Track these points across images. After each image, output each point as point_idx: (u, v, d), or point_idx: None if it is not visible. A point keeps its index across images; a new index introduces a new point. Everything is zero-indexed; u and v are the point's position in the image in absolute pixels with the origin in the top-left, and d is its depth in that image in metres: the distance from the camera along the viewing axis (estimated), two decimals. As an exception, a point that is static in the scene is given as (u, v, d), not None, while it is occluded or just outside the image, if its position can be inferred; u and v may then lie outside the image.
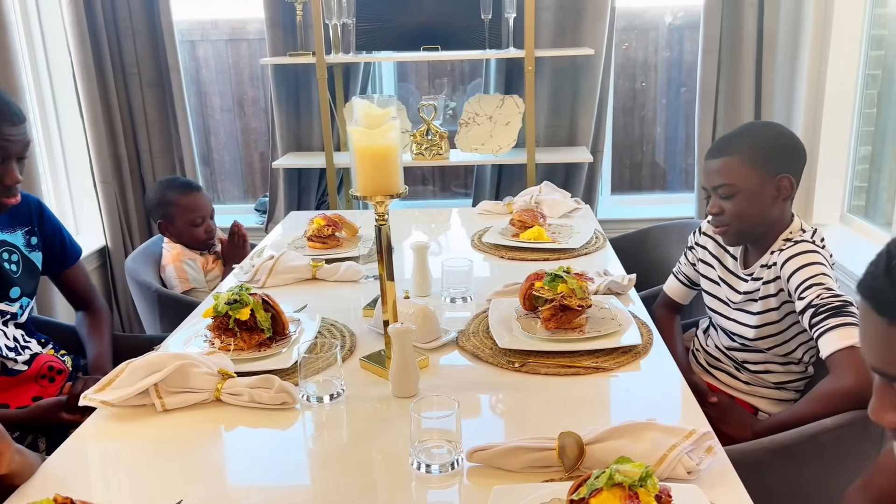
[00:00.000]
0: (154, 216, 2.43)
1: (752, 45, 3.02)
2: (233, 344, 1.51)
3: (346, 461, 1.20)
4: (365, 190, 1.35)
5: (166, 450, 1.23)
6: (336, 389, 1.37)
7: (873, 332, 0.71)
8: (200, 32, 3.68)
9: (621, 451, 1.07)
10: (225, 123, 3.77)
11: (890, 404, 0.74)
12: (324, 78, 2.91)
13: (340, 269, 1.95)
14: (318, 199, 3.35)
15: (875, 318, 0.70)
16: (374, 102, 1.55)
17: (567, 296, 1.53)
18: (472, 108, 3.04)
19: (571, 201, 2.50)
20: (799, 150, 1.60)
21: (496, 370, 1.46)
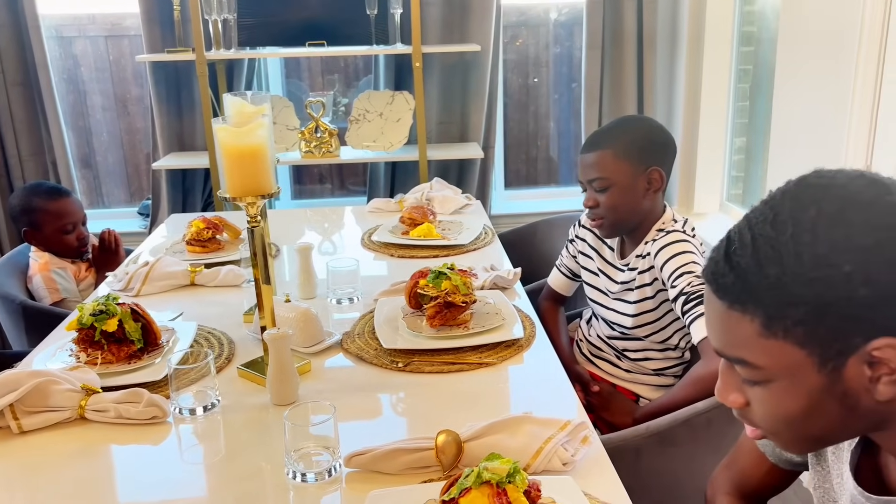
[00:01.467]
0: (19, 224, 2.26)
1: (633, 41, 3.11)
2: (100, 357, 1.42)
3: (222, 474, 1.15)
4: (234, 191, 1.30)
5: (26, 474, 1.15)
6: (210, 400, 1.32)
7: (715, 316, 0.74)
8: (76, 28, 3.48)
9: (498, 447, 1.07)
10: (107, 123, 3.58)
11: (733, 385, 0.76)
12: (204, 75, 2.81)
13: (220, 274, 1.88)
14: (204, 200, 3.23)
15: (716, 302, 0.73)
16: (247, 100, 1.50)
17: (451, 292, 1.53)
18: (362, 105, 3.01)
19: (462, 197, 2.51)
20: (668, 144, 1.65)
21: (381, 371, 1.44)
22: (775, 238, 0.68)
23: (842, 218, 0.66)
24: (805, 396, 0.70)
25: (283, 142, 2.99)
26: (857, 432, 0.74)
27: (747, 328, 0.70)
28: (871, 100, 2.01)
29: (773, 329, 0.68)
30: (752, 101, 3.08)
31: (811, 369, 0.69)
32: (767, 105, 2.74)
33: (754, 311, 0.69)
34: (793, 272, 0.66)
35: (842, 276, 0.65)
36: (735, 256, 0.70)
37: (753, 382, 0.73)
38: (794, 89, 2.32)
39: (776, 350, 0.69)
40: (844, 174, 0.71)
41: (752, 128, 3.10)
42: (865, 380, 0.68)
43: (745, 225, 0.72)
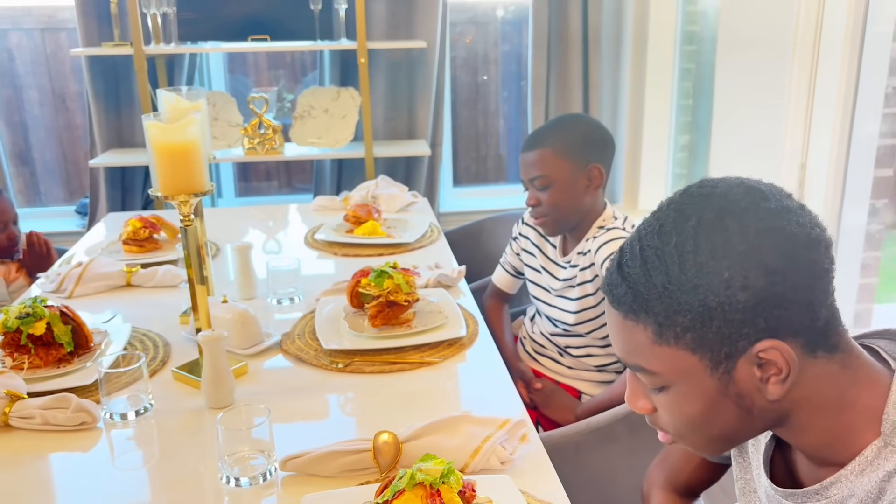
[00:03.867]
0: None
1: (579, 39, 3.13)
2: (27, 362, 1.37)
3: (156, 480, 1.12)
4: (166, 189, 1.26)
5: (-60, 487, 1.10)
6: (143, 405, 1.28)
7: (613, 325, 0.76)
8: (11, 20, 3.36)
9: (437, 447, 1.06)
10: (45, 119, 3.46)
11: (640, 392, 0.78)
12: (143, 70, 2.73)
13: (158, 274, 1.83)
14: (145, 199, 3.15)
15: (613, 312, 0.75)
16: (182, 95, 1.46)
17: (393, 291, 1.51)
18: (306, 101, 2.97)
19: (409, 195, 2.49)
20: (607, 141, 1.67)
21: (320, 372, 1.42)
22: (661, 248, 0.70)
23: (720, 225, 0.68)
24: (702, 400, 0.72)
25: (226, 138, 2.93)
26: (758, 430, 0.76)
27: (641, 336, 0.72)
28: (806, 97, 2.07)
29: (664, 336, 0.70)
30: (696, 100, 3.14)
31: (704, 373, 0.70)
32: (710, 103, 2.80)
33: (646, 320, 0.71)
34: (678, 280, 0.68)
35: (722, 282, 0.67)
36: (626, 268, 0.72)
37: (655, 389, 0.75)
38: (734, 88, 2.37)
39: (669, 356, 0.71)
40: (726, 182, 0.73)
41: (696, 126, 3.16)
42: (756, 380, 0.70)
43: (635, 237, 0.74)
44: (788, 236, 0.68)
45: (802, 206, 0.71)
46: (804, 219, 0.69)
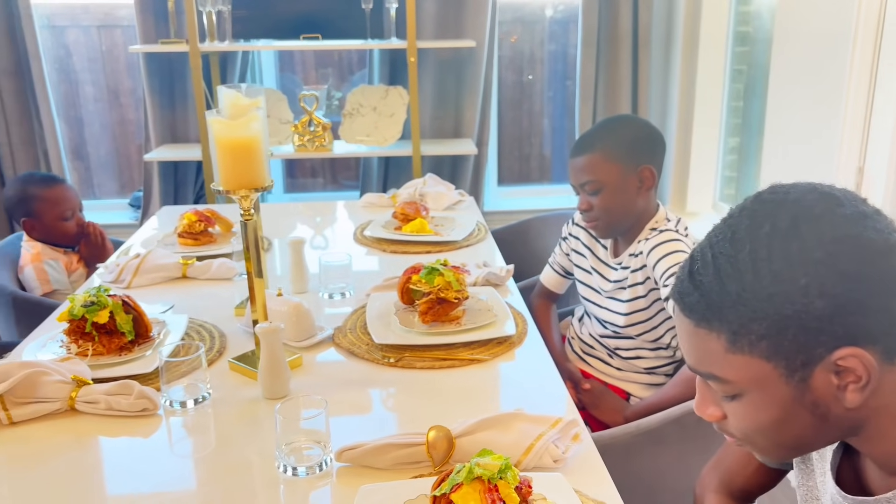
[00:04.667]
0: (16, 215, 2.25)
1: (629, 39, 3.11)
2: (91, 349, 1.42)
3: (212, 467, 1.15)
4: (228, 184, 1.29)
5: (16, 465, 1.14)
6: (201, 393, 1.31)
7: (684, 333, 0.75)
8: (69, 17, 3.46)
9: (489, 443, 1.07)
10: (99, 114, 3.56)
11: (710, 399, 0.78)
12: (198, 67, 2.80)
13: (213, 267, 1.87)
14: (196, 193, 3.22)
15: (684, 321, 0.74)
16: (241, 92, 1.49)
17: (443, 288, 1.52)
18: (356, 99, 3.00)
19: (455, 193, 2.50)
20: (657, 140, 1.65)
21: (372, 366, 1.43)
22: (734, 255, 0.69)
23: (795, 232, 0.68)
24: (777, 407, 0.71)
25: (276, 135, 2.98)
26: (833, 439, 0.76)
27: (714, 345, 0.71)
28: (865, 100, 2.03)
29: (738, 344, 0.70)
30: (747, 102, 3.10)
31: (779, 381, 0.70)
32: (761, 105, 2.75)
33: (720, 328, 0.70)
34: (752, 288, 0.68)
35: (798, 290, 0.66)
36: (698, 276, 0.72)
37: (727, 396, 0.74)
38: (789, 90, 2.32)
39: (744, 364, 0.70)
40: (798, 188, 0.72)
41: (746, 128, 3.11)
42: (833, 388, 0.69)
43: (706, 244, 0.73)
44: (865, 242, 0.67)
45: (878, 212, 0.70)
46: (881, 224, 0.69)
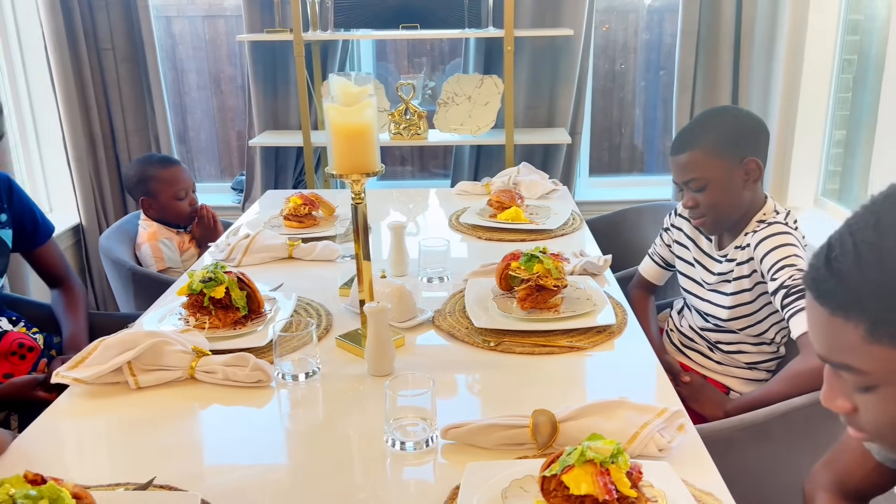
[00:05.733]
0: (135, 194, 2.39)
1: (731, 27, 3.03)
2: (207, 322, 1.50)
3: (321, 439, 1.20)
4: (341, 168, 1.34)
5: (140, 427, 1.23)
6: (311, 368, 1.37)
7: (817, 322, 0.73)
8: (176, 8, 3.61)
9: (594, 429, 1.08)
10: (201, 101, 3.71)
11: (839, 390, 0.76)
12: (301, 56, 2.88)
13: (317, 249, 1.94)
14: (296, 177, 3.32)
15: (817, 308, 0.73)
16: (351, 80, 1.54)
17: (543, 276, 1.54)
18: (450, 88, 3.03)
19: (549, 182, 2.51)
20: (760, 130, 1.61)
21: (472, 349, 1.46)
22: (878, 242, 0.68)
23: None
24: None
25: (373, 123, 3.04)
26: None
27: (851, 334, 0.70)
28: None
29: (877, 335, 0.68)
30: (856, 93, 2.96)
31: None
32: (873, 97, 2.63)
33: (858, 317, 0.69)
34: None
35: None
36: (836, 262, 0.70)
37: (860, 388, 0.73)
38: (906, 81, 2.21)
39: (882, 356, 0.69)
40: None
41: (854, 120, 2.98)
42: None
43: (845, 230, 0.71)
44: None
45: None
46: None
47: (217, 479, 1.08)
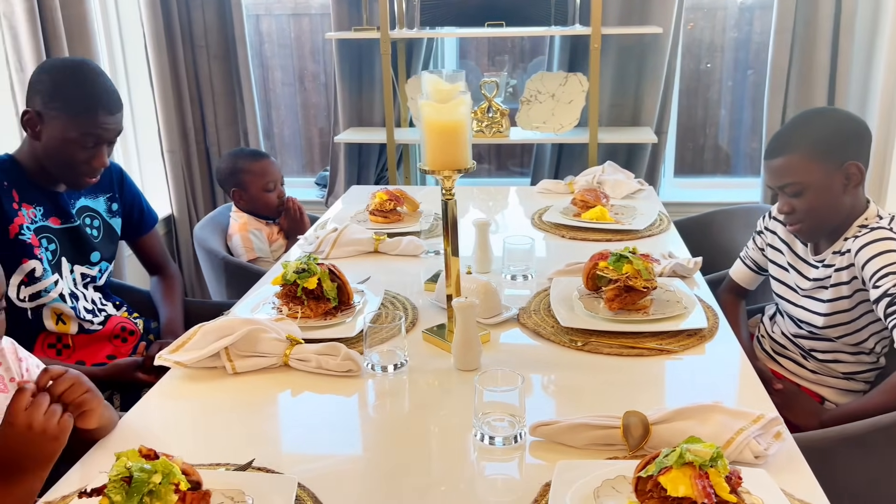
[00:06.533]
0: (227, 186, 2.48)
1: (829, 24, 2.91)
2: (300, 312, 1.54)
3: (407, 429, 1.22)
4: (433, 164, 1.36)
5: (236, 411, 1.27)
6: (400, 360, 1.39)
7: None
8: (265, 6, 3.72)
9: (687, 433, 1.06)
10: (286, 98, 3.81)
11: None
12: (387, 54, 2.92)
13: (402, 244, 1.97)
14: (378, 174, 3.37)
15: None
16: (442, 77, 1.55)
17: (632, 277, 1.52)
18: (534, 86, 3.02)
19: (635, 182, 2.47)
20: (862, 133, 1.54)
21: (557, 348, 1.46)
22: None
23: None
24: None
25: (455, 120, 3.06)
26: None
27: None
28: None
29: None
30: (963, 94, 2.81)
31: None
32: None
33: None
34: None
35: None
36: None
37: None
38: None
39: None
40: None
41: (961, 123, 2.82)
42: None
43: None
44: None
45: None
46: None
47: (309, 465, 1.11)
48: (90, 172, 1.67)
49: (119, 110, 1.66)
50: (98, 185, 1.81)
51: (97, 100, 1.61)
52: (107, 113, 1.62)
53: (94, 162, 1.64)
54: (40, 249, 1.65)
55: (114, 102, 1.65)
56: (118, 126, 1.67)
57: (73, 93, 1.60)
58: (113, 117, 1.64)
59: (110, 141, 1.67)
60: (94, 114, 1.60)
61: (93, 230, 1.79)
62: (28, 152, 1.67)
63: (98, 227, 1.81)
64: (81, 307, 1.74)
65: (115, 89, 1.68)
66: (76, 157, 1.62)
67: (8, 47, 2.38)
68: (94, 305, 1.79)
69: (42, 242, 1.66)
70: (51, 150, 1.63)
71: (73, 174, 1.66)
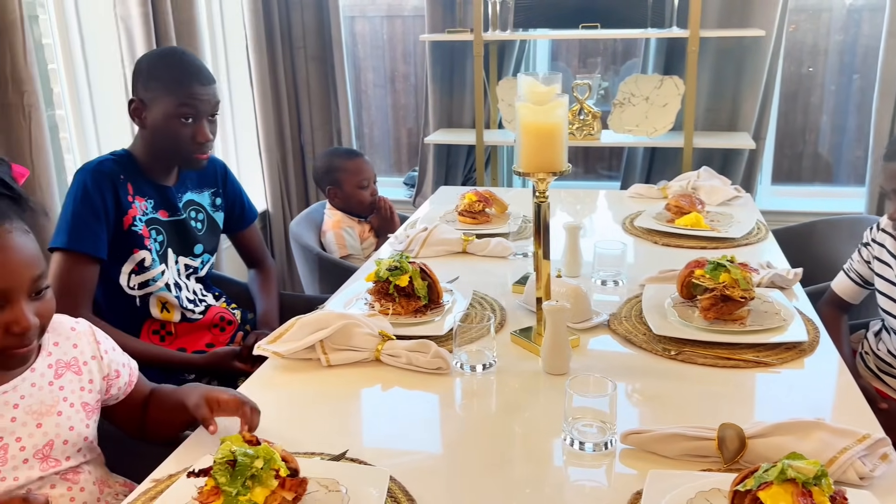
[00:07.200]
0: (323, 184, 2.55)
1: (947, 27, 2.75)
2: (391, 308, 1.57)
3: (494, 430, 1.22)
4: (528, 166, 1.36)
5: (328, 402, 1.31)
6: (488, 360, 1.40)
7: None
8: (360, 8, 3.80)
9: (786, 449, 1.03)
10: (377, 99, 3.88)
11: None
12: (480, 55, 2.94)
13: (490, 245, 1.98)
14: (465, 175, 3.40)
15: None
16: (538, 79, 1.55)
17: (729, 286, 1.48)
18: (627, 89, 2.97)
19: (731, 189, 2.40)
20: None
21: (649, 356, 1.43)
22: None
23: None
24: None
25: (545, 122, 3.05)
26: None
27: None
28: None
29: None
30: None
31: None
32: None
33: None
34: None
35: None
36: None
37: None
38: None
39: None
40: None
41: None
42: None
43: None
44: None
45: None
46: None
47: (398, 459, 1.13)
48: (197, 148, 1.73)
49: (212, 83, 1.74)
50: (203, 180, 1.89)
51: (188, 73, 1.70)
52: (199, 84, 1.70)
53: (197, 136, 1.71)
54: (150, 240, 1.74)
55: (205, 74, 1.73)
56: (213, 98, 1.73)
57: (167, 71, 1.70)
58: (205, 88, 1.71)
59: (209, 114, 1.73)
60: (188, 86, 1.68)
61: (197, 223, 1.88)
62: (140, 146, 1.77)
63: (202, 221, 1.89)
64: (184, 297, 1.82)
65: (206, 66, 1.76)
66: (180, 133, 1.70)
67: (123, 48, 2.52)
68: (195, 296, 1.87)
69: (152, 234, 1.75)
70: (157, 133, 1.71)
71: (182, 154, 1.74)
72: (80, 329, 1.22)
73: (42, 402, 1.12)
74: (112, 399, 1.25)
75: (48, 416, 1.12)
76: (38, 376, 1.13)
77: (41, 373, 1.14)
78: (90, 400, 1.19)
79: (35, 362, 1.13)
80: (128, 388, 1.27)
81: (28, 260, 1.03)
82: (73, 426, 1.15)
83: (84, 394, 1.18)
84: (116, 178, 1.69)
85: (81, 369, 1.19)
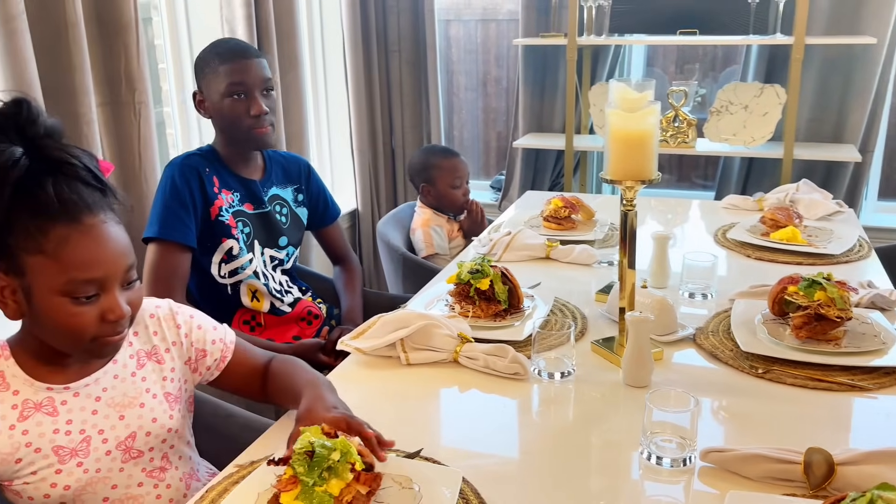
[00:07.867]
0: (417, 181, 2.59)
1: None
2: (471, 311, 1.58)
3: (570, 439, 1.21)
4: (616, 174, 1.34)
5: (406, 400, 1.33)
6: (567, 368, 1.39)
7: None
8: (455, 12, 3.83)
9: (879, 478, 0.97)
10: (467, 102, 3.90)
11: None
12: (573, 60, 2.92)
13: (574, 252, 1.96)
14: (553, 180, 3.37)
15: None
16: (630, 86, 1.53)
17: (824, 304, 1.41)
18: (725, 96, 2.88)
19: (832, 203, 2.29)
20: None
21: (735, 373, 1.39)
22: None
23: None
24: None
25: (638, 129, 2.99)
26: None
27: None
28: None
29: None
30: None
31: None
32: None
33: None
34: None
35: None
36: None
37: None
38: None
39: None
40: None
41: None
42: None
43: None
44: None
45: None
46: None
47: (472, 461, 1.14)
48: (254, 122, 1.78)
49: (257, 56, 1.80)
50: (288, 176, 1.96)
51: (233, 51, 1.78)
52: (243, 57, 1.77)
53: (251, 110, 1.77)
54: (237, 230, 1.82)
55: (249, 49, 1.81)
56: (261, 71, 1.78)
57: (214, 56, 1.78)
58: (250, 61, 1.77)
59: (262, 88, 1.78)
60: (233, 61, 1.75)
61: (281, 217, 1.94)
62: (218, 139, 1.85)
63: (286, 215, 1.96)
64: (272, 286, 1.89)
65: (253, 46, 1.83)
66: (235, 111, 1.76)
67: (227, 49, 2.62)
68: (281, 286, 1.94)
69: (238, 225, 1.83)
70: (218, 118, 1.80)
71: (242, 131, 1.79)
72: (161, 314, 1.20)
73: (125, 395, 1.13)
74: (207, 376, 1.25)
75: (130, 409, 1.13)
76: (121, 367, 1.14)
77: (123, 364, 1.14)
78: (172, 389, 1.18)
79: (117, 353, 1.13)
80: (220, 364, 1.24)
81: (122, 249, 1.05)
82: (156, 418, 1.15)
83: (167, 384, 1.18)
84: (202, 171, 1.78)
85: (163, 357, 1.19)
